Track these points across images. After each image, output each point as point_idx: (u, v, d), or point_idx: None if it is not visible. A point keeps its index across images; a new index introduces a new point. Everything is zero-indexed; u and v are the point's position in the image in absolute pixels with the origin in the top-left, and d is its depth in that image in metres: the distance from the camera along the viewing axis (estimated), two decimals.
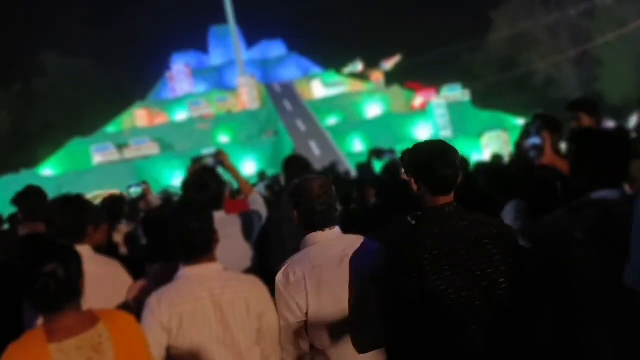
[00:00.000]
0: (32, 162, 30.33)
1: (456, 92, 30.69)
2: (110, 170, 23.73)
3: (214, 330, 2.31)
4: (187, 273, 2.37)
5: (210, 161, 3.74)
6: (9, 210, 4.88)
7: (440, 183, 2.20)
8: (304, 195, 2.48)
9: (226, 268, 2.46)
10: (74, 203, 2.90)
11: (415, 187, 2.24)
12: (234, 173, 3.80)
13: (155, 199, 4.93)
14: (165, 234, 2.45)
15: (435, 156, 2.19)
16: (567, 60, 41.90)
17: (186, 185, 3.36)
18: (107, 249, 3.52)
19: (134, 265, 3.14)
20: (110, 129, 31.48)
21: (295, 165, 4.15)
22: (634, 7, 34.80)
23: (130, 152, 25.81)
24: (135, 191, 4.79)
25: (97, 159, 25.59)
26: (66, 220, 2.75)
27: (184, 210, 2.51)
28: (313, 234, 2.49)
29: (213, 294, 2.33)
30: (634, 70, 36.82)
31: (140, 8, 59.26)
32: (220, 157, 3.76)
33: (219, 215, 3.22)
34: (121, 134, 28.64)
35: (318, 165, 13.91)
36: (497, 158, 8.23)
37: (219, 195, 3.33)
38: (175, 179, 22.72)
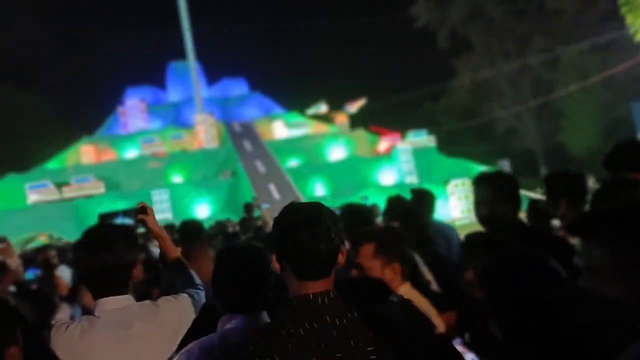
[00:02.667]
0: None
1: (422, 138, 29.97)
2: (46, 210, 21.44)
3: None
4: None
5: (124, 219, 2.33)
6: None
7: (308, 262, 1.54)
8: None
9: None
10: None
11: (277, 266, 1.61)
12: (161, 238, 2.41)
13: (17, 264, 3.17)
14: None
15: (302, 224, 1.55)
16: (528, 111, 42.20)
17: (74, 245, 2.17)
18: None
19: None
20: (51, 165, 29.06)
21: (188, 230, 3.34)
22: (596, 60, 35.28)
23: (71, 191, 23.53)
24: None
25: (32, 197, 23.20)
26: None
27: None
28: None
29: None
30: (596, 122, 37.08)
31: (98, 41, 57.62)
32: (142, 214, 2.34)
33: (119, 303, 2.02)
34: (63, 171, 26.32)
35: (278, 209, 12.30)
36: None
37: (119, 266, 2.01)
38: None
